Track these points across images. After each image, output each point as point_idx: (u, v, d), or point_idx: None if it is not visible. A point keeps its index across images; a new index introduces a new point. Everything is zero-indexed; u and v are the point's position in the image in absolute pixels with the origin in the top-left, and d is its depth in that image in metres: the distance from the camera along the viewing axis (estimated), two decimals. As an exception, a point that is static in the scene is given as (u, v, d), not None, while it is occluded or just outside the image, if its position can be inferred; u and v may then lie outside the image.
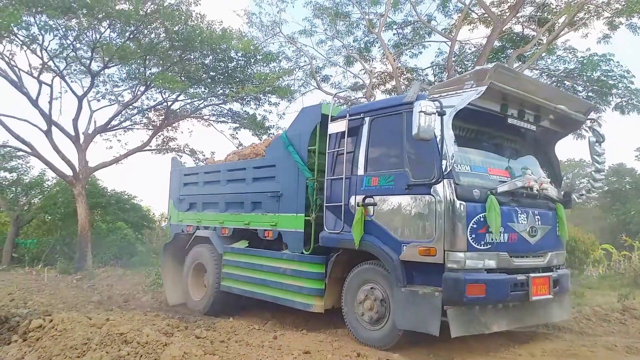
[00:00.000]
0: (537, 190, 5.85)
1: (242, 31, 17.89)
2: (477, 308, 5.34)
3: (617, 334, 7.02)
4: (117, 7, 14.93)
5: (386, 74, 18.63)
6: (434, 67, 18.13)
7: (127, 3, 15.12)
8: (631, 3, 14.22)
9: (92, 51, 16.01)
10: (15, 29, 14.15)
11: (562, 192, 6.64)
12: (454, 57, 16.90)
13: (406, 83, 18.12)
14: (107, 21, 15.46)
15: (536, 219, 5.87)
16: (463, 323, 5.21)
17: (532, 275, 5.61)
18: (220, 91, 18.41)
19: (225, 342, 5.89)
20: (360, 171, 6.13)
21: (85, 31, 15.75)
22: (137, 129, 19.79)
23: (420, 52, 18.96)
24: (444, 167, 5.21)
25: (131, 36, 16.09)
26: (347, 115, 6.41)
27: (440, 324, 5.17)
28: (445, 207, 5.23)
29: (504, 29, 16.25)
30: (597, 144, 6.49)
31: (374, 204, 5.87)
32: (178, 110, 19.26)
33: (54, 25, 14.96)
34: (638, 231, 21.62)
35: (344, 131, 6.37)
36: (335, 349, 5.61)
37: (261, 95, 18.16)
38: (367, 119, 6.21)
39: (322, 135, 6.74)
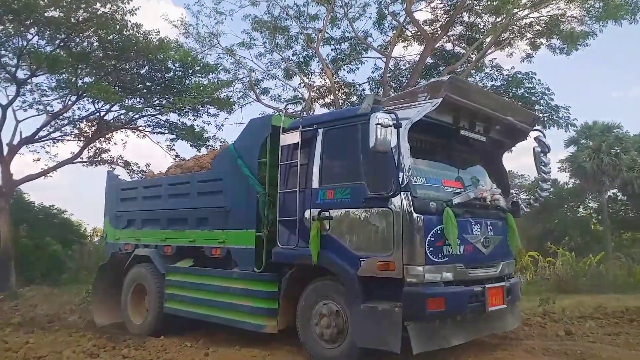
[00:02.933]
0: (489, 201, 5.76)
1: (179, 42, 17.22)
2: (437, 322, 5.14)
3: (536, 337, 7.11)
4: (46, 14, 13.99)
5: (325, 88, 18.56)
6: (371, 82, 18.24)
7: (58, 10, 14.14)
8: (550, 25, 14.98)
9: (18, 58, 15.01)
10: None
11: (511, 202, 6.62)
12: (389, 72, 17.14)
13: (344, 97, 18.12)
14: (35, 28, 14.52)
15: (489, 230, 5.76)
16: (424, 338, 4.98)
17: (487, 286, 5.47)
18: (157, 102, 17.65)
19: None
20: (315, 184, 5.78)
21: (11, 37, 14.70)
22: (68, 140, 18.50)
23: (358, 68, 19.12)
24: (400, 179, 4.97)
25: (62, 44, 15.21)
26: (300, 126, 6.06)
27: (401, 341, 4.90)
28: (403, 221, 4.99)
29: (436, 47, 16.69)
30: (542, 154, 6.50)
31: (330, 218, 5.54)
32: (111, 121, 18.22)
33: (-24, 31, 13.83)
34: (561, 238, 22.71)
35: (297, 143, 6.01)
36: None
37: (199, 107, 17.47)
38: (320, 131, 5.88)
39: (272, 147, 6.33)
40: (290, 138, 6.11)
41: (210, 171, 7.32)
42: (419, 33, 16.83)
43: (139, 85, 17.14)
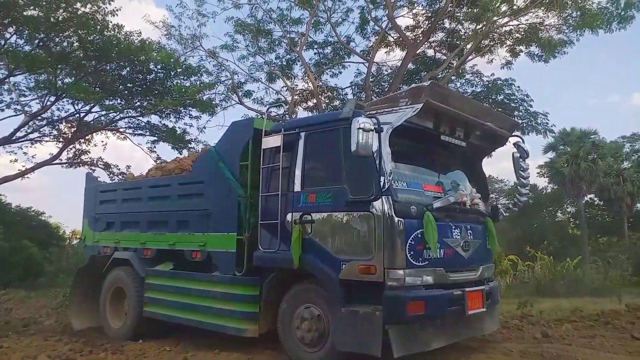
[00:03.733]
0: (469, 206, 5.81)
1: (162, 43, 17.11)
2: (417, 326, 5.14)
3: (514, 340, 7.16)
4: (25, 13, 13.85)
5: (308, 91, 18.58)
6: (353, 86, 18.37)
7: (37, 9, 13.99)
8: (529, 33, 15.25)
9: None
10: None
11: (490, 207, 6.69)
12: (371, 77, 17.28)
13: (327, 101, 18.18)
14: (14, 27, 14.37)
15: (469, 234, 5.79)
16: (405, 342, 4.97)
17: (467, 289, 5.50)
18: (138, 103, 17.55)
19: None
20: (297, 187, 5.76)
21: (-12, 36, 14.40)
22: (46, 141, 18.38)
23: (340, 72, 19.30)
24: (382, 183, 4.98)
25: (41, 44, 15.05)
26: (282, 130, 6.04)
27: (381, 344, 4.90)
28: (384, 224, 4.99)
29: (417, 53, 16.85)
30: (521, 160, 6.58)
31: (312, 221, 5.52)
32: (91, 122, 18.02)
33: (-48, 30, 13.59)
34: (540, 242, 23.02)
35: (279, 146, 5.99)
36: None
37: (181, 109, 17.44)
38: (303, 134, 5.87)
39: (254, 150, 6.29)
40: (273, 141, 6.08)
41: (191, 174, 7.26)
42: (401, 39, 17.01)
43: (120, 87, 17.01)
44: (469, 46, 16.08)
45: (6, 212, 18.59)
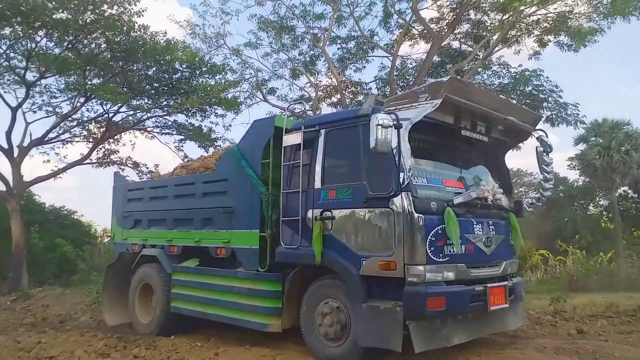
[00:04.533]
0: (491, 201, 5.79)
1: (186, 42, 17.40)
2: (438, 321, 5.17)
3: (547, 336, 7.12)
4: (54, 16, 14.10)
5: (331, 87, 18.65)
6: (377, 81, 18.35)
7: (66, 12, 14.27)
8: (558, 22, 14.94)
9: (27, 61, 15.16)
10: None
11: (514, 202, 6.64)
12: (395, 71, 17.20)
13: (351, 96, 18.20)
14: (44, 30, 14.62)
15: (491, 229, 5.79)
16: (425, 337, 5.03)
17: (489, 285, 5.50)
18: (164, 102, 17.72)
19: None
20: (318, 184, 5.85)
21: (20, 40, 14.87)
22: (77, 141, 18.69)
23: (364, 67, 19.21)
24: (401, 179, 5.02)
25: (70, 46, 15.34)
26: (303, 127, 6.13)
27: (402, 340, 4.96)
28: (404, 220, 5.04)
29: (442, 45, 16.69)
30: (544, 154, 6.51)
31: (332, 218, 5.61)
32: (120, 122, 18.35)
33: (-15, 34, 14.02)
34: (571, 237, 22.61)
35: (300, 143, 6.08)
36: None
37: (207, 107, 17.67)
38: (322, 132, 5.96)
39: (275, 148, 6.40)
40: (293, 139, 6.19)
41: (215, 172, 7.43)
42: (425, 31, 16.89)
43: (147, 87, 17.25)
44: (495, 37, 15.89)
45: (40, 212, 19.15)
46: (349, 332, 5.46)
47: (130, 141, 19.57)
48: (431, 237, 5.10)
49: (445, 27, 16.82)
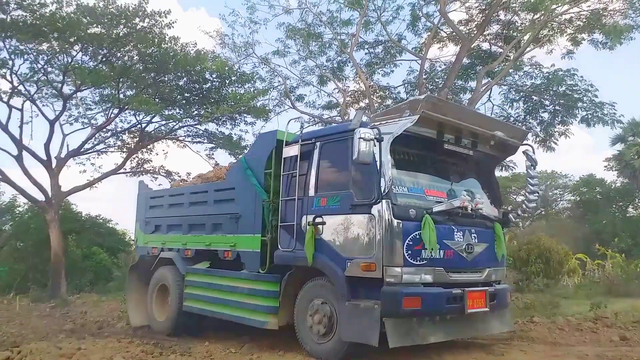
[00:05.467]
0: (471, 210, 6.44)
1: (216, 52, 18.53)
2: (415, 320, 5.88)
3: (589, 343, 7.35)
4: (89, 31, 15.39)
5: (359, 92, 19.41)
6: (406, 85, 18.94)
7: (100, 26, 15.59)
8: (591, 20, 15.16)
9: (63, 75, 16.49)
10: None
11: (502, 212, 7.28)
12: (424, 75, 17.72)
13: (379, 101, 18.90)
14: (79, 45, 15.93)
15: (473, 237, 6.47)
16: (401, 334, 5.74)
17: (467, 289, 6.17)
18: (195, 112, 18.91)
19: None
20: (312, 192, 6.71)
21: (57, 55, 16.22)
22: (111, 151, 20.27)
23: (392, 71, 19.90)
24: (382, 188, 5.80)
25: (104, 59, 16.60)
26: (300, 140, 7.02)
27: (379, 335, 5.68)
28: (383, 226, 5.80)
29: (472, 47, 17.11)
30: (530, 169, 7.14)
31: (323, 223, 6.43)
32: (152, 132, 19.75)
33: (24, 50, 15.50)
34: (610, 240, 22.43)
35: (297, 155, 6.97)
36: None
37: (236, 115, 18.76)
38: (317, 144, 6.82)
39: (277, 159, 7.31)
40: (292, 151, 7.10)
41: (225, 181, 8.46)
42: (454, 34, 17.36)
43: (178, 97, 18.52)
44: (526, 37, 16.17)
45: (77, 221, 20.78)
46: (336, 330, 6.25)
47: (163, 150, 20.95)
48: (409, 241, 5.84)
49: (474, 28, 17.25)
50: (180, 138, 20.39)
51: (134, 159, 20.07)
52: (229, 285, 7.65)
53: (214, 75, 17.79)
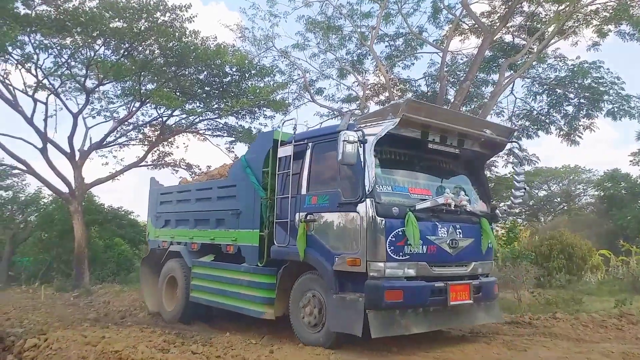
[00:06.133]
0: (455, 207, 6.99)
1: (236, 46, 19.24)
2: (397, 312, 6.47)
3: (613, 340, 7.53)
4: (111, 25, 16.20)
5: (379, 85, 19.94)
6: (427, 77, 19.37)
7: (122, 21, 16.39)
8: (618, 10, 15.27)
9: (86, 68, 17.40)
10: (10, 48, 15.60)
11: (490, 208, 7.80)
12: (446, 67, 18.11)
13: (399, 94, 19.37)
14: (102, 39, 16.80)
15: (457, 232, 7.02)
16: (382, 325, 6.33)
17: (450, 282, 6.74)
18: (216, 106, 19.69)
19: (222, 357, 6.41)
20: (304, 191, 7.37)
21: (80, 49, 17.12)
22: (133, 144, 21.37)
23: (413, 64, 20.40)
24: (366, 187, 6.41)
25: (126, 53, 17.44)
26: (293, 141, 7.68)
27: (362, 326, 6.30)
28: (367, 223, 6.41)
29: (494, 39, 17.40)
30: (516, 165, 7.63)
31: (314, 220, 7.09)
32: (173, 126, 20.63)
33: (48, 44, 16.44)
34: (635, 236, 22.33)
35: (291, 155, 7.63)
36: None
37: (256, 109, 19.46)
38: (309, 145, 7.47)
39: (274, 158, 7.99)
40: (286, 150, 7.77)
41: (227, 179, 9.21)
42: (476, 26, 17.69)
43: (199, 90, 19.31)
44: (550, 29, 16.41)
45: (100, 212, 21.86)
46: (325, 320, 6.90)
47: (184, 143, 21.75)
48: (391, 237, 6.43)
49: (497, 20, 17.55)
50: (201, 131, 21.28)
51: (155, 151, 21.06)
52: (231, 277, 8.41)
53: (233, 69, 18.48)
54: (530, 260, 15.84)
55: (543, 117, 17.96)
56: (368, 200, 6.43)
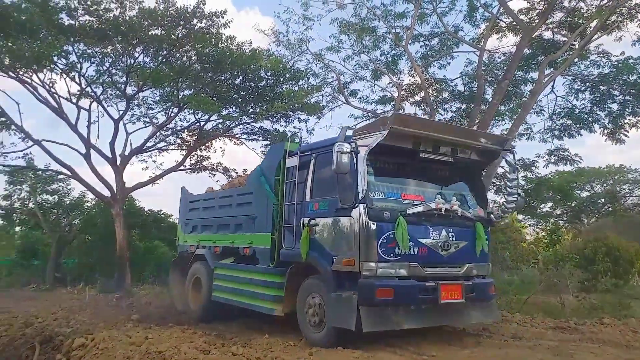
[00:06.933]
0: (446, 211, 7.98)
1: (270, 50, 20.48)
2: (389, 308, 7.52)
3: None
4: (150, 33, 17.77)
5: (414, 85, 20.76)
6: (464, 77, 20.05)
7: (160, 29, 17.93)
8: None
9: (127, 76, 19.11)
10: (55, 58, 17.36)
11: (486, 213, 8.74)
12: (483, 66, 18.69)
13: (435, 94, 20.17)
14: (141, 47, 18.42)
15: (450, 236, 8.02)
16: (374, 320, 7.37)
17: (441, 282, 7.74)
18: (251, 110, 21.07)
19: (262, 359, 7.00)
20: (308, 197, 8.57)
21: (120, 57, 18.86)
22: (172, 149, 23.18)
23: (449, 63, 21.08)
24: (359, 194, 7.52)
25: (164, 60, 19.00)
26: (299, 152, 8.93)
27: (355, 321, 7.34)
28: (360, 226, 7.51)
29: (533, 36, 17.80)
30: (509, 173, 8.55)
31: (316, 225, 8.25)
32: (210, 130, 22.26)
33: (91, 53, 18.26)
34: None
35: (297, 165, 8.85)
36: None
37: (290, 113, 20.65)
38: (313, 155, 8.66)
39: (284, 168, 9.24)
40: (293, 161, 9.02)
41: (245, 186, 10.58)
42: (514, 23, 18.12)
43: (234, 95, 20.76)
44: (592, 24, 16.59)
45: (140, 216, 23.86)
46: (326, 320, 7.97)
47: (220, 147, 23.23)
48: (383, 239, 7.50)
49: (535, 17, 17.94)
50: (237, 135, 22.83)
51: (193, 156, 22.73)
52: (247, 277, 9.72)
53: (268, 73, 19.68)
54: (574, 263, 16.33)
55: (586, 115, 18.32)
56: (361, 205, 7.52)
